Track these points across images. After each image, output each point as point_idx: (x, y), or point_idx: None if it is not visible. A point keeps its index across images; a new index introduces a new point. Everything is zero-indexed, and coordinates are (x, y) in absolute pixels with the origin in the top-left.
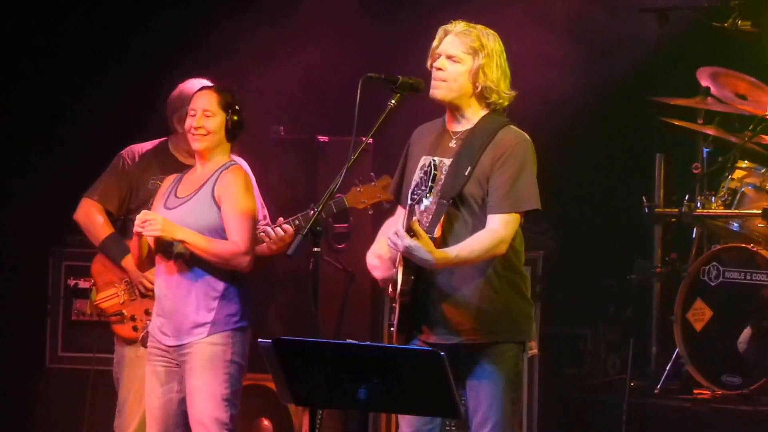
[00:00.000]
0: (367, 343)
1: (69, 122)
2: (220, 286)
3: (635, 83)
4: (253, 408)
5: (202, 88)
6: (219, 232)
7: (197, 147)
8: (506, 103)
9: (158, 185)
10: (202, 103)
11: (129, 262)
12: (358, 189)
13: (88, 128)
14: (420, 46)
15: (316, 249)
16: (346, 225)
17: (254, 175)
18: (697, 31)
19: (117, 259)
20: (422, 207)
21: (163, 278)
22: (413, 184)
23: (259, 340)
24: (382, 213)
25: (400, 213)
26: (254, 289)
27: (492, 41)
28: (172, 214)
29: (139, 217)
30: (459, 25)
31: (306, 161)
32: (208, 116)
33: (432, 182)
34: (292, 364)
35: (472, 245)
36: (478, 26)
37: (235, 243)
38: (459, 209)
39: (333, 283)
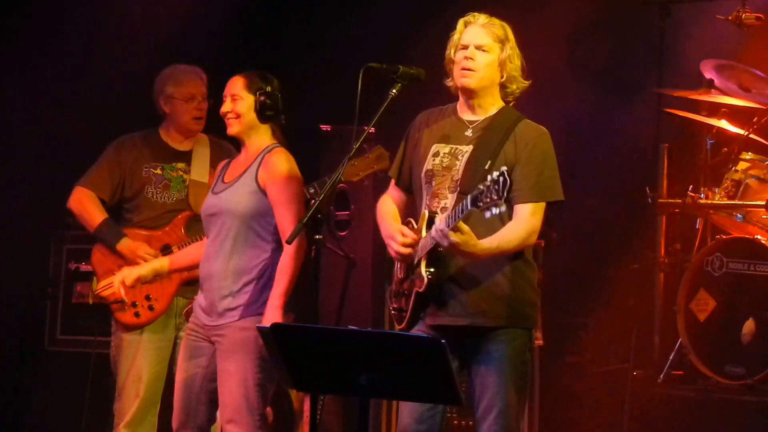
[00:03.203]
0: (368, 329)
1: (72, 106)
2: (255, 270)
3: (640, 75)
4: None
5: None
6: (263, 217)
7: (230, 132)
8: (518, 93)
9: (152, 173)
10: (230, 89)
11: (124, 246)
12: (353, 162)
13: (91, 112)
14: (423, 36)
15: (318, 236)
16: (347, 212)
17: None
18: (701, 23)
19: (112, 244)
20: (488, 215)
21: (205, 257)
22: (476, 190)
23: (258, 325)
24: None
25: (395, 193)
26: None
27: (510, 32)
28: (217, 199)
29: None
30: (481, 18)
31: (308, 150)
32: (236, 100)
33: (506, 192)
34: (292, 350)
35: (510, 236)
36: (495, 18)
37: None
38: None
39: (334, 270)
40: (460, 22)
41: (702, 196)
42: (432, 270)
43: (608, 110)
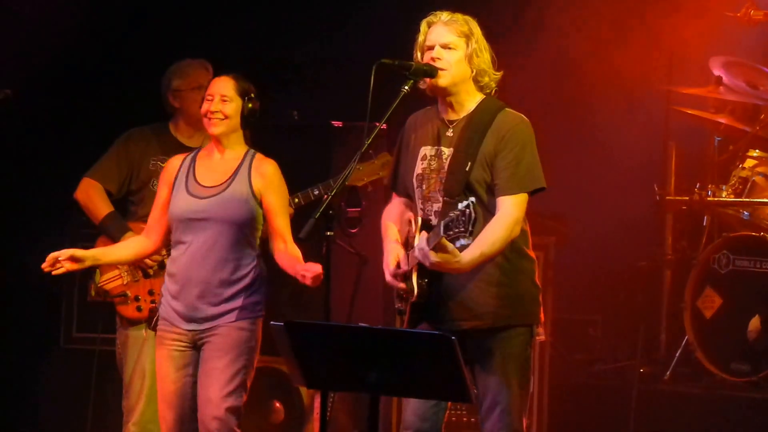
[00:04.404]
0: (379, 326)
1: (84, 103)
2: (249, 274)
3: (648, 72)
4: (264, 390)
5: (220, 75)
6: (253, 223)
7: (214, 131)
8: (494, 85)
9: (159, 166)
10: (219, 89)
11: (128, 239)
12: (358, 167)
13: (103, 109)
14: None
15: (329, 233)
16: (358, 209)
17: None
18: (709, 20)
19: (116, 238)
20: (457, 245)
21: (185, 263)
22: (447, 218)
23: (272, 322)
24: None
25: (398, 201)
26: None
27: (475, 26)
28: (206, 204)
29: None
30: (443, 15)
31: (320, 146)
32: (225, 101)
33: (472, 226)
34: (304, 347)
35: (491, 238)
36: (458, 13)
37: (291, 243)
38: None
39: (345, 267)
40: (423, 23)
41: (709, 193)
42: (424, 281)
43: (616, 107)
